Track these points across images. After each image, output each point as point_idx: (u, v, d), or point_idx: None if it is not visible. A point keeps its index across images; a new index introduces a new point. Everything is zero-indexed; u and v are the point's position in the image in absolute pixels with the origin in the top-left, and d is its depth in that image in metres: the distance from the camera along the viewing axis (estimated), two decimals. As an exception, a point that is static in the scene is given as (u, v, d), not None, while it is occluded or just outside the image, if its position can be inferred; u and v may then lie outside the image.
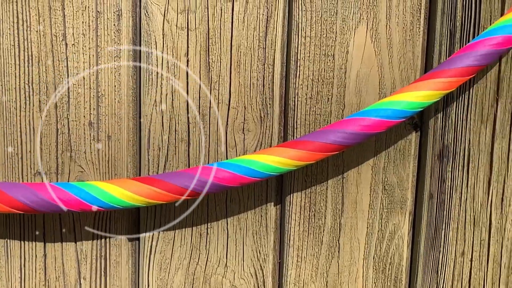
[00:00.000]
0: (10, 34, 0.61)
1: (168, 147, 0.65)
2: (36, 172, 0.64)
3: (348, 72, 0.67)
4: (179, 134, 0.65)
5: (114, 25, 0.62)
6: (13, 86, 0.62)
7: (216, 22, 0.64)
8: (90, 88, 0.63)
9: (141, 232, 0.67)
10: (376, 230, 0.71)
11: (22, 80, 0.62)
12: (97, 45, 0.62)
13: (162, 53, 0.64)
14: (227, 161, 0.60)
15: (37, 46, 0.62)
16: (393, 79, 0.67)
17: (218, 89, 0.65)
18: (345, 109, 0.68)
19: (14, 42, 0.61)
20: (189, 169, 0.59)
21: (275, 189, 0.69)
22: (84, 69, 0.63)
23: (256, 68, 0.66)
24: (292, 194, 0.69)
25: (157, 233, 0.67)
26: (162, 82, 0.64)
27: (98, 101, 0.63)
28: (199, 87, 0.65)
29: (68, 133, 0.64)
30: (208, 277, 0.69)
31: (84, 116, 0.64)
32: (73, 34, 0.62)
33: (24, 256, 0.65)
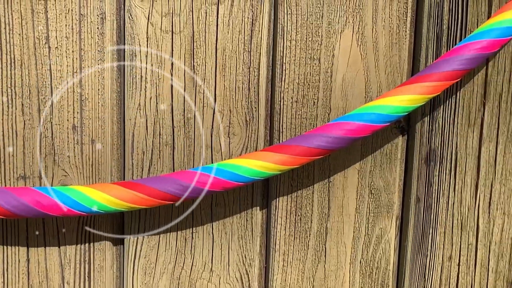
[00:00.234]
0: (-8, 37, 0.61)
1: (152, 151, 0.65)
2: (19, 176, 0.63)
3: (334, 76, 0.67)
4: (163, 138, 0.65)
5: (97, 28, 0.62)
6: (-4, 89, 0.62)
7: (201, 25, 0.64)
8: (73, 91, 0.63)
9: (125, 237, 0.66)
10: (362, 235, 0.71)
11: (5, 84, 0.62)
12: (80, 48, 0.62)
13: (146, 56, 0.63)
14: (211, 165, 0.59)
15: (20, 49, 0.61)
16: (379, 83, 0.67)
17: (203, 92, 0.65)
18: (331, 113, 0.67)
19: (-4, 45, 0.61)
20: (172, 174, 0.59)
21: (261, 193, 0.68)
22: (67, 72, 0.62)
23: (242, 71, 0.65)
24: (278, 198, 0.68)
25: (141, 238, 0.66)
26: (146, 86, 0.64)
27: (81, 104, 0.63)
28: (184, 90, 0.65)
29: (51, 136, 0.63)
30: (193, 281, 0.68)
31: (67, 120, 0.63)
32: (56, 37, 0.61)
33: (7, 260, 0.65)
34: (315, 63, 0.66)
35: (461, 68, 0.60)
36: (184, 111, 0.65)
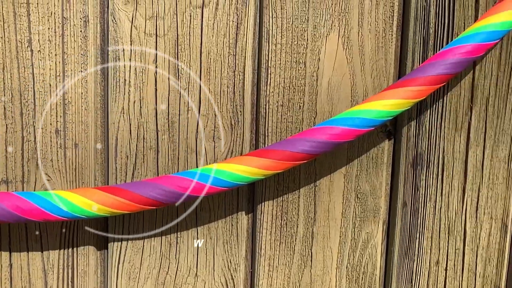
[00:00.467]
0: (-26, 40, 0.60)
1: (136, 155, 0.64)
2: (1, 181, 0.62)
3: (319, 80, 0.66)
4: (147, 142, 0.64)
5: (80, 31, 0.61)
6: (-22, 93, 0.61)
7: (185, 28, 0.63)
8: (56, 95, 0.62)
9: (109, 241, 0.66)
10: (349, 239, 0.70)
11: (-13, 87, 0.61)
12: (63, 52, 0.61)
13: (130, 59, 0.63)
14: (193, 170, 0.59)
15: (2, 52, 0.61)
16: (365, 87, 0.67)
17: (188, 96, 0.65)
18: (317, 117, 0.67)
19: (-22, 48, 0.60)
20: (155, 179, 0.58)
21: (246, 198, 0.68)
22: (50, 75, 0.62)
23: (227, 75, 0.65)
24: (264, 203, 0.68)
25: (125, 242, 0.66)
26: (130, 89, 0.63)
27: (64, 108, 0.62)
28: (168, 94, 0.64)
29: (34, 140, 0.63)
30: (178, 286, 0.68)
31: (50, 124, 0.63)
32: (38, 40, 0.61)
33: (-11, 265, 0.64)
34: (300, 67, 0.66)
35: (446, 72, 0.59)
36: (168, 114, 0.64)
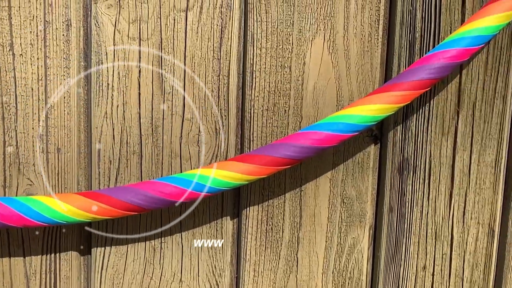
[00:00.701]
0: (-45, 43, 0.60)
1: (119, 159, 0.64)
2: (-17, 185, 0.62)
3: (305, 84, 0.66)
4: (131, 147, 0.64)
5: (63, 35, 0.61)
6: (-41, 97, 0.61)
7: (169, 32, 0.63)
8: (38, 99, 0.62)
9: (92, 247, 0.65)
10: (335, 244, 0.70)
11: (-32, 91, 0.61)
12: (45, 56, 0.61)
13: (113, 63, 0.62)
14: (176, 175, 0.58)
15: (-16, 56, 0.60)
16: (351, 91, 0.66)
17: (172, 100, 0.64)
18: (302, 121, 0.66)
19: (-40, 52, 0.60)
20: (137, 184, 0.58)
21: (231, 203, 0.67)
22: (32, 79, 0.61)
23: (211, 79, 0.64)
24: (249, 208, 0.67)
25: (109, 248, 0.65)
26: (113, 93, 0.63)
27: (47, 112, 0.62)
28: (152, 98, 0.64)
29: (16, 145, 0.62)
30: (163, 292, 0.67)
31: (32, 128, 0.62)
32: (20, 44, 0.60)
33: (-29, 271, 0.64)
34: (286, 71, 0.66)
35: (430, 77, 0.59)
36: (152, 119, 0.64)
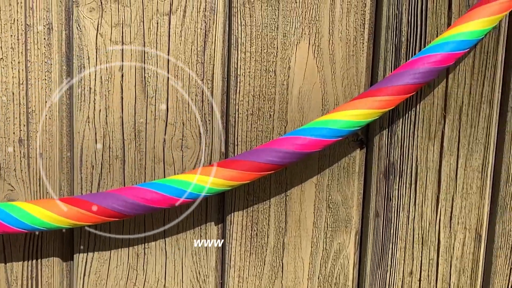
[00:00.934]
0: None
1: (102, 164, 0.63)
2: (-37, 191, 0.61)
3: (290, 88, 0.65)
4: (113, 152, 0.63)
5: (44, 39, 0.60)
6: None
7: (152, 36, 0.62)
8: (19, 104, 0.61)
9: (75, 252, 0.65)
10: (320, 250, 0.69)
11: None
12: (26, 59, 0.60)
13: (96, 67, 0.62)
14: (157, 181, 0.58)
15: (-36, 60, 0.59)
16: (336, 95, 0.66)
17: (155, 104, 0.63)
18: (287, 126, 0.66)
19: None
20: (118, 190, 0.57)
21: (216, 208, 0.67)
22: (13, 83, 0.60)
23: (195, 83, 0.64)
24: (233, 213, 0.67)
25: (91, 253, 0.65)
26: (95, 98, 0.62)
27: (28, 117, 0.61)
28: (135, 102, 0.63)
29: (-3, 150, 0.61)
30: (146, 298, 0.67)
31: (13, 133, 0.61)
32: (1, 47, 0.60)
33: (-49, 277, 0.63)
34: (270, 75, 0.65)
35: (415, 82, 0.58)
36: (135, 123, 0.63)
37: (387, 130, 0.68)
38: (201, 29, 0.63)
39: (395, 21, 0.66)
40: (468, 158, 0.70)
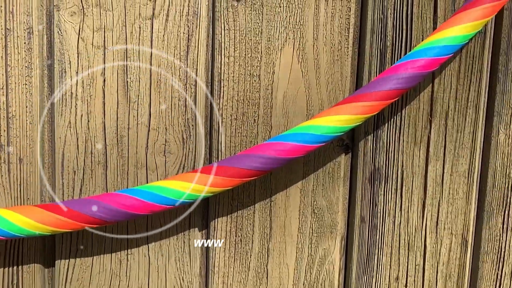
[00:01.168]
0: None
1: (84, 170, 0.63)
2: None
3: (274, 93, 0.65)
4: (95, 157, 0.63)
5: (24, 43, 0.60)
6: None
7: (135, 40, 0.62)
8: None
9: (56, 259, 0.64)
10: (305, 255, 0.69)
11: None
12: (6, 64, 0.60)
13: (77, 72, 0.61)
14: (137, 187, 0.57)
15: None
16: (321, 100, 0.65)
17: (137, 109, 0.63)
18: (272, 131, 0.65)
19: None
20: (96, 196, 0.57)
21: (199, 214, 0.66)
22: (-7, 88, 0.60)
23: (178, 88, 0.63)
24: (217, 219, 0.66)
25: (73, 260, 0.64)
26: (77, 103, 0.61)
27: (8, 122, 0.60)
28: (117, 107, 0.62)
29: (-23, 155, 0.61)
30: (129, 305, 0.66)
31: (-6, 138, 0.61)
32: (-19, 52, 0.59)
33: None
34: (255, 80, 0.64)
35: (398, 87, 0.58)
36: (117, 128, 0.63)
37: (372, 135, 0.67)
38: (184, 33, 0.62)
39: (380, 25, 0.65)
40: (454, 163, 0.69)
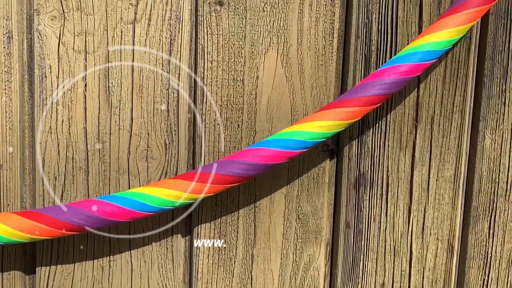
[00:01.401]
0: None
1: (65, 176, 0.62)
2: None
3: (258, 98, 0.64)
4: (76, 163, 0.62)
5: (4, 47, 0.59)
6: None
7: (116, 45, 0.61)
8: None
9: (37, 265, 0.63)
10: (290, 261, 0.68)
11: None
12: (-14, 69, 0.59)
13: (58, 77, 0.60)
14: (117, 194, 0.56)
15: None
16: (305, 105, 0.65)
17: (119, 114, 0.62)
18: (256, 136, 0.65)
19: None
20: (76, 203, 0.56)
21: (183, 220, 0.66)
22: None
23: (160, 92, 0.63)
24: (201, 225, 0.66)
25: (54, 267, 0.63)
26: (57, 108, 0.61)
27: (-12, 127, 0.60)
28: (98, 112, 0.62)
29: (-44, 161, 0.60)
30: (111, 312, 0.65)
31: (-27, 144, 0.60)
32: (-40, 56, 0.58)
33: None
34: (238, 85, 0.64)
35: (381, 93, 0.58)
36: (98, 134, 0.62)
37: (357, 140, 0.67)
38: (166, 38, 0.62)
39: (364, 30, 0.65)
40: (440, 168, 0.69)
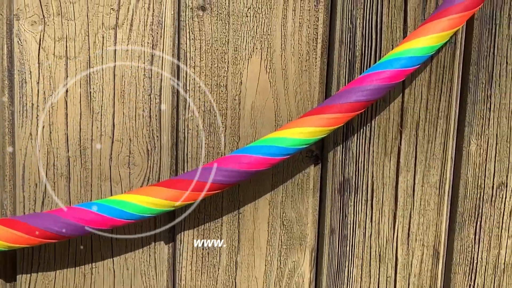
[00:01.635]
0: None
1: (46, 182, 0.61)
2: None
3: (242, 103, 0.64)
4: (58, 169, 0.61)
5: (-17, 53, 0.58)
6: None
7: (98, 50, 0.60)
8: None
9: (18, 273, 0.62)
10: (275, 268, 0.68)
11: None
12: (-35, 74, 0.58)
13: (38, 83, 0.60)
14: (96, 201, 0.56)
15: None
16: (289, 111, 0.64)
17: (101, 120, 0.62)
18: (240, 142, 0.64)
19: None
20: (55, 210, 0.55)
21: (166, 227, 0.65)
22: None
23: (142, 98, 0.62)
24: (184, 232, 0.65)
25: (35, 274, 0.63)
26: (38, 114, 0.60)
27: (-33, 134, 0.59)
28: (80, 118, 0.61)
29: None
30: (94, 319, 0.65)
31: (-48, 150, 0.59)
32: None
33: None
34: (221, 90, 0.63)
35: (363, 99, 0.57)
36: (80, 140, 0.61)
37: (342, 145, 0.67)
38: (148, 43, 0.61)
39: (349, 35, 0.65)
40: (425, 174, 0.69)
